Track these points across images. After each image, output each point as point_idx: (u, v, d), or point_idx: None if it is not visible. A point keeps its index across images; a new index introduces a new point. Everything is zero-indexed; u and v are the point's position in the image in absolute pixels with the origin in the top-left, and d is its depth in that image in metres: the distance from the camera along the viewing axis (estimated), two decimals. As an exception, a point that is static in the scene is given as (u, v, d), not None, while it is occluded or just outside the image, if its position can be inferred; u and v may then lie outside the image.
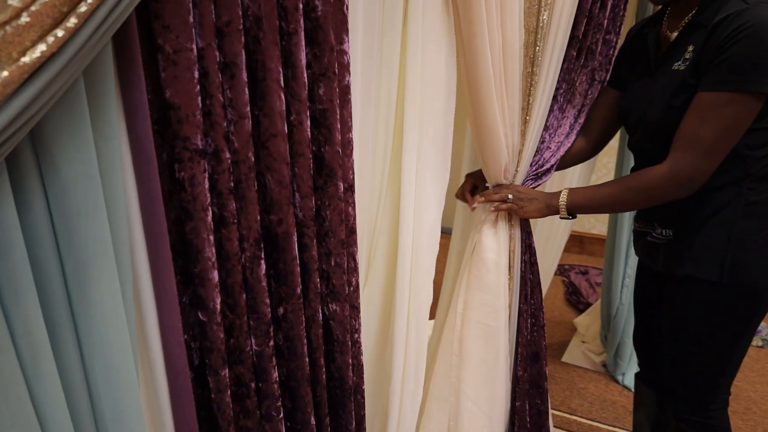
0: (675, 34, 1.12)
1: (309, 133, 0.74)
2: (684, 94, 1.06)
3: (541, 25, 1.23)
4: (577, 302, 2.99)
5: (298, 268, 0.77)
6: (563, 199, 1.23)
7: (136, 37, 0.57)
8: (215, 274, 0.68)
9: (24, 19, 0.42)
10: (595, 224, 3.66)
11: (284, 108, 0.70)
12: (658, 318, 1.30)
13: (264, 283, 0.73)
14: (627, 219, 2.17)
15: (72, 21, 0.45)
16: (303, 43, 0.71)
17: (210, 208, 0.66)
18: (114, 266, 0.59)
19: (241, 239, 0.70)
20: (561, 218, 1.27)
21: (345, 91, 0.78)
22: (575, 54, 1.37)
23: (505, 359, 1.36)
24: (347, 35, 0.77)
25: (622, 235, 2.18)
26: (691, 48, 1.06)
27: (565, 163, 1.41)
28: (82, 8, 0.45)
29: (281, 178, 0.72)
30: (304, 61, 0.71)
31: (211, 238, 0.66)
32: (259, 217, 0.71)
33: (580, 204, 1.22)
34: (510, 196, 1.28)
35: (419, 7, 1.01)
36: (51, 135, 0.53)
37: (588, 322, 2.62)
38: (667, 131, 1.09)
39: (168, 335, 0.66)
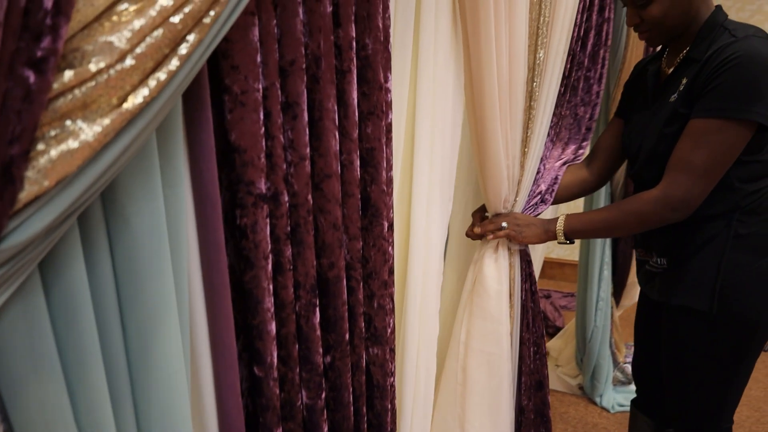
0: (671, 70, 1.19)
1: (358, 173, 0.72)
2: (676, 123, 1.12)
3: (537, 62, 1.28)
4: (546, 326, 3.05)
5: (347, 314, 0.74)
6: (560, 224, 1.25)
7: (206, 77, 0.53)
8: (273, 326, 0.63)
9: (129, 62, 0.38)
10: (554, 249, 3.79)
11: (338, 148, 0.68)
12: (658, 346, 1.33)
13: (318, 332, 0.69)
14: (599, 243, 2.25)
15: (174, 63, 0.41)
16: (355, 81, 0.69)
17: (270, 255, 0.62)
18: (177, 326, 0.53)
19: (296, 286, 0.66)
20: (559, 243, 1.30)
21: (389, 129, 0.77)
22: (562, 90, 1.43)
23: (508, 387, 1.35)
24: (390, 73, 0.76)
25: (594, 259, 2.25)
26: (684, 81, 1.13)
27: (567, 195, 1.43)
28: (183, 50, 0.41)
29: (334, 220, 0.69)
30: (356, 100, 0.69)
31: (271, 287, 0.62)
32: (315, 263, 0.67)
33: (577, 229, 1.25)
34: (505, 224, 1.30)
35: (431, 38, 1.02)
36: (121, 184, 0.47)
37: (560, 345, 2.67)
38: (661, 159, 1.14)
39: (225, 395, 0.60)
